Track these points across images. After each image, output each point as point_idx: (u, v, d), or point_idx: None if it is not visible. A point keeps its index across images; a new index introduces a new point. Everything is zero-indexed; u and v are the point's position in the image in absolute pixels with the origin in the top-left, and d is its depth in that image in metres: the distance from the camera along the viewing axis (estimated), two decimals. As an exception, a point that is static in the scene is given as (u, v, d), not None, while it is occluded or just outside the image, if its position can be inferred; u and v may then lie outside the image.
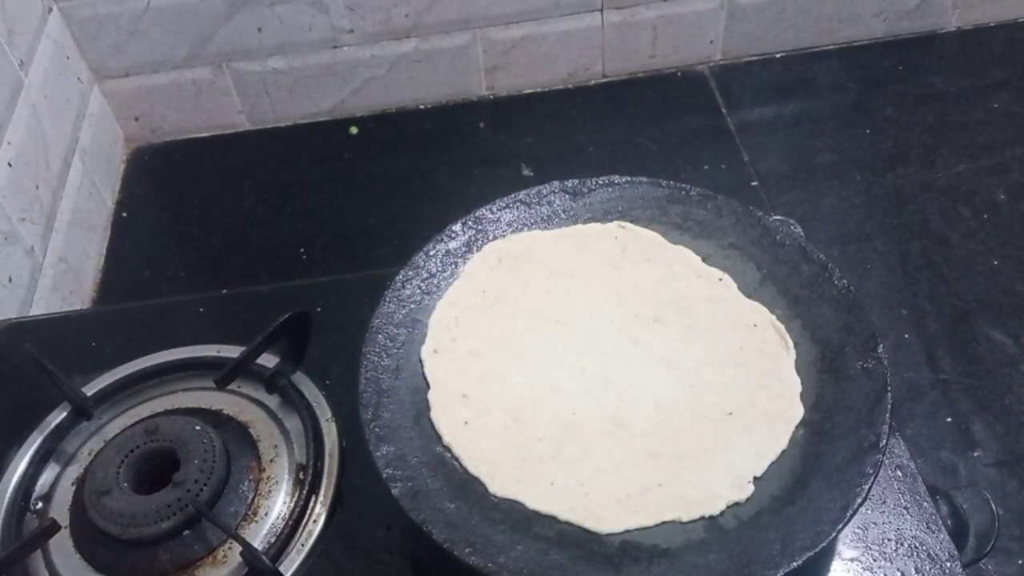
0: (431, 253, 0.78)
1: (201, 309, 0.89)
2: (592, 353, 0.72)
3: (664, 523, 0.62)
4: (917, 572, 0.64)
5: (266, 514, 0.70)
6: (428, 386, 0.71)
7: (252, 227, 1.41)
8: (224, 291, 0.94)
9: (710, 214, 0.80)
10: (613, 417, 0.68)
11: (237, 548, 0.65)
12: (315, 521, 0.69)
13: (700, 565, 0.60)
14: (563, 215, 0.82)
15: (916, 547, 0.65)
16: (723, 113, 1.51)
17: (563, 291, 0.77)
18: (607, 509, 0.63)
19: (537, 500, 0.64)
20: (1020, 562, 1.02)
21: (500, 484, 0.65)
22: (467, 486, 0.65)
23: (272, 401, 0.77)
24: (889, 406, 0.63)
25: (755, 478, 0.64)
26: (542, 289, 0.77)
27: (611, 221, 0.81)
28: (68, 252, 1.25)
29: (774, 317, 0.73)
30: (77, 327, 0.93)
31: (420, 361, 0.72)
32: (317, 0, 1.40)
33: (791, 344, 0.71)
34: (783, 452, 0.65)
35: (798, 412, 0.67)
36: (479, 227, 0.80)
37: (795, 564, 0.57)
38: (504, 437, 0.67)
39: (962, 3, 1.58)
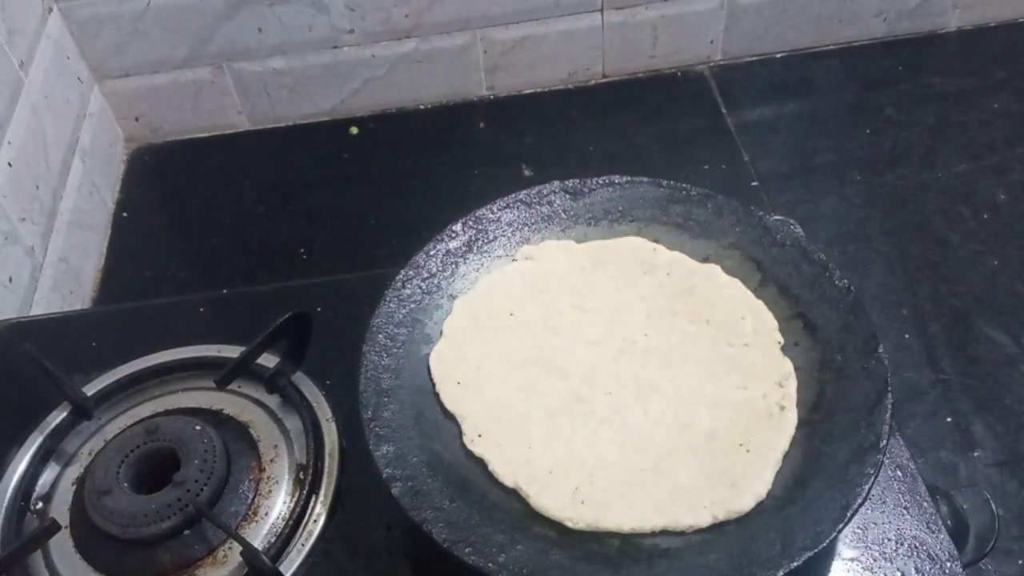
0: (431, 253, 0.78)
1: (201, 309, 0.89)
2: (597, 364, 0.72)
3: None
4: (917, 572, 0.64)
5: (266, 514, 0.70)
6: (433, 383, 0.71)
7: (252, 227, 1.40)
8: (224, 291, 0.94)
9: (710, 214, 0.80)
10: (614, 424, 0.68)
11: (237, 548, 0.65)
12: (315, 521, 0.69)
13: (700, 565, 0.60)
14: (563, 215, 0.82)
15: (916, 547, 0.65)
16: (723, 113, 1.51)
17: (575, 305, 0.76)
18: (608, 511, 0.63)
19: (536, 499, 0.64)
20: (1020, 562, 1.02)
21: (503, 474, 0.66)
22: (467, 486, 0.65)
23: (272, 401, 0.77)
24: (889, 406, 0.63)
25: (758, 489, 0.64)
26: (559, 303, 0.77)
27: (620, 224, 0.81)
28: (68, 252, 1.25)
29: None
30: (77, 327, 0.93)
31: (428, 368, 0.72)
32: (317, 0, 1.40)
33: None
34: (784, 453, 0.66)
35: (793, 420, 0.67)
36: (479, 227, 0.80)
37: (795, 564, 0.57)
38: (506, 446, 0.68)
39: (962, 3, 1.58)
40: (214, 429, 0.72)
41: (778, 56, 1.60)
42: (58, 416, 0.77)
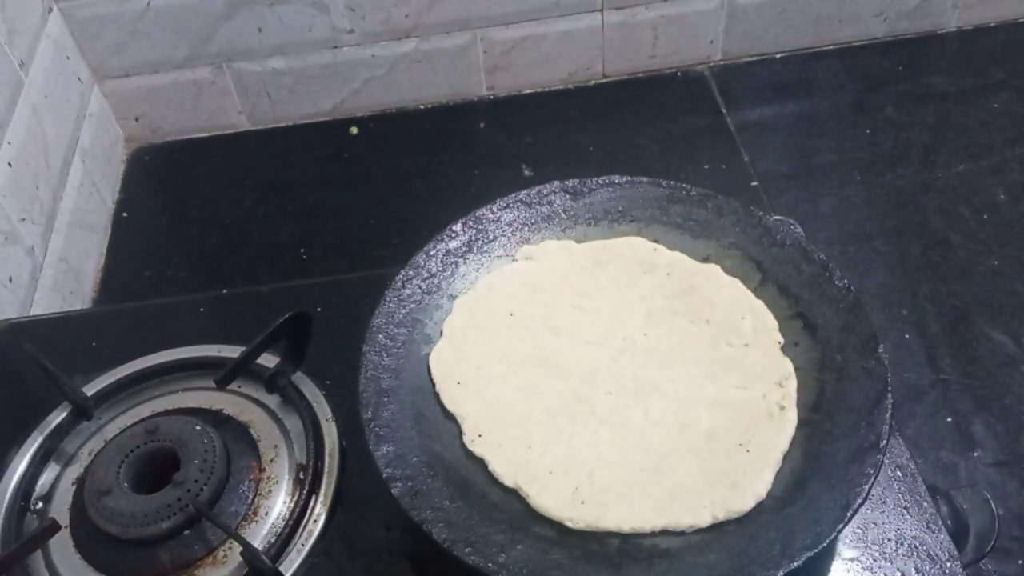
0: (431, 253, 0.78)
1: (201, 309, 0.89)
2: (597, 364, 0.72)
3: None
4: (917, 572, 0.64)
5: (266, 514, 0.70)
6: (433, 383, 0.71)
7: (252, 227, 1.40)
8: (224, 291, 0.94)
9: (710, 214, 0.80)
10: (614, 424, 0.68)
11: (237, 548, 0.65)
12: (315, 521, 0.69)
13: (700, 565, 0.60)
14: (564, 215, 0.82)
15: (916, 547, 0.65)
16: (723, 113, 1.51)
17: (575, 305, 0.76)
18: (608, 511, 0.63)
19: (536, 499, 0.64)
20: (1020, 562, 1.02)
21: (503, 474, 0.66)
22: (467, 486, 0.65)
23: (272, 401, 0.77)
24: (889, 406, 0.63)
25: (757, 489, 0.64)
26: (559, 303, 0.77)
27: (620, 224, 0.81)
28: (68, 252, 1.25)
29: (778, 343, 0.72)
30: (77, 327, 0.93)
31: (428, 368, 0.72)
32: (317, 0, 1.40)
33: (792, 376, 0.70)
34: (784, 453, 0.66)
35: (793, 420, 0.67)
36: (479, 227, 0.80)
37: (795, 564, 0.57)
38: (505, 444, 0.68)
39: (962, 3, 1.58)
40: (214, 429, 0.72)
41: (778, 56, 1.60)
42: (58, 416, 0.77)
